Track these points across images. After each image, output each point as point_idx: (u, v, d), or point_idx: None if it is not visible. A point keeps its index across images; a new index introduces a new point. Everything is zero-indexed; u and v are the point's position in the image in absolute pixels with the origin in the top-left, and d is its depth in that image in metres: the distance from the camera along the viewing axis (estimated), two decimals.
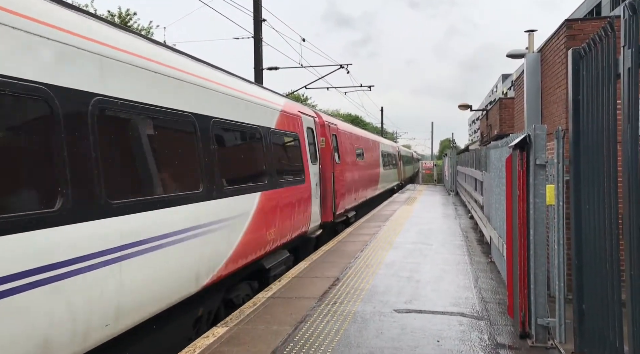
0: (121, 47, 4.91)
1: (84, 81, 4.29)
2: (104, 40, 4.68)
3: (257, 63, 18.40)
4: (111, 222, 4.41)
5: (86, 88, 4.31)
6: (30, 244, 3.60)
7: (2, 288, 3.34)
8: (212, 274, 6.23)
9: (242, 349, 5.18)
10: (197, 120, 6.16)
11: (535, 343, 5.19)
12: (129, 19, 25.99)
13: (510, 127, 18.91)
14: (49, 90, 3.88)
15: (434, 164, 49.49)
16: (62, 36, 4.13)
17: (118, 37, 5.03)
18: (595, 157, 4.35)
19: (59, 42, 4.08)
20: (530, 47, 11.68)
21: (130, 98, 4.88)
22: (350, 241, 11.98)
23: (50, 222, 3.77)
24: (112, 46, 4.76)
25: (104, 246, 4.31)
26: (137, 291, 4.71)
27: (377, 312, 6.36)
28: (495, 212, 8.59)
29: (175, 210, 5.39)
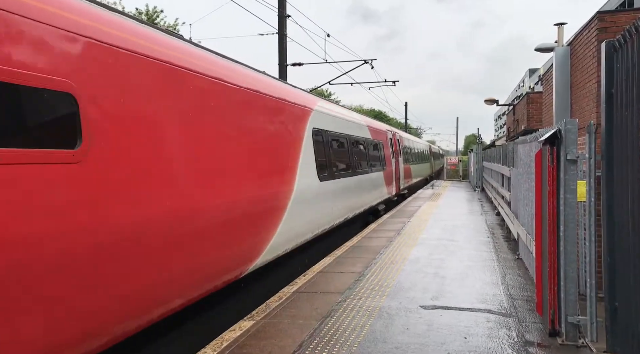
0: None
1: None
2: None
3: (281, 59, 18.44)
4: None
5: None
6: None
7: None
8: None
9: (269, 343, 5.22)
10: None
11: (565, 341, 5.11)
12: (156, 17, 26.31)
13: (538, 122, 18.60)
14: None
15: (459, 160, 48.99)
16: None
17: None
18: (629, 151, 4.25)
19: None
20: (559, 41, 11.44)
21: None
22: (375, 237, 11.95)
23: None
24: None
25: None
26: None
27: (402, 308, 6.33)
28: (524, 208, 8.46)
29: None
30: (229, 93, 6.36)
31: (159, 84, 4.81)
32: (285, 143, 8.39)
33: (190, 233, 5.14)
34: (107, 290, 3.97)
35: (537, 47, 13.54)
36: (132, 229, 4.20)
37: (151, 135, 4.61)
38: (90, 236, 3.81)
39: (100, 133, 4.03)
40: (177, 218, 4.87)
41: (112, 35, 4.34)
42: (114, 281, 4.03)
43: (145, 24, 5.27)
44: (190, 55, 5.65)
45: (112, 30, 4.39)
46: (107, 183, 4.02)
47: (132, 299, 4.26)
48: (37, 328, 3.44)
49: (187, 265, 5.04)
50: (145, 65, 4.65)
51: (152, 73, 4.74)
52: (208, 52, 6.52)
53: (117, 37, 4.41)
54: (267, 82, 8.10)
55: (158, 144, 4.68)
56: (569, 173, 5.15)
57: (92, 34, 4.10)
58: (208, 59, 6.15)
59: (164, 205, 4.63)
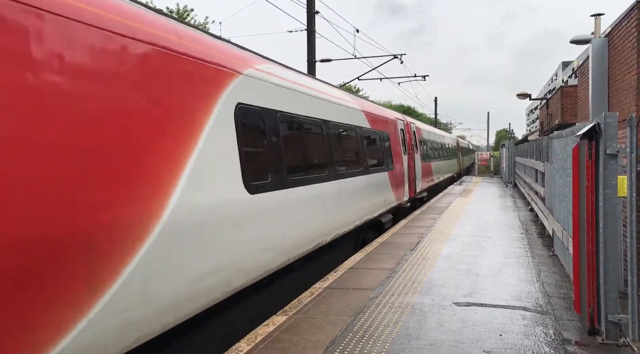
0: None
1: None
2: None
3: (310, 55, 18.45)
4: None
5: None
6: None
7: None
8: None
9: (302, 338, 5.24)
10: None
11: (605, 340, 4.99)
12: (186, 15, 26.64)
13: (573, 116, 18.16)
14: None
15: (490, 155, 48.24)
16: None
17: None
18: None
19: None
20: (596, 32, 11.14)
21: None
22: (406, 234, 11.88)
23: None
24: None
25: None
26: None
27: (435, 305, 6.28)
28: (559, 204, 8.28)
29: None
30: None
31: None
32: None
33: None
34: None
35: (573, 39, 13.22)
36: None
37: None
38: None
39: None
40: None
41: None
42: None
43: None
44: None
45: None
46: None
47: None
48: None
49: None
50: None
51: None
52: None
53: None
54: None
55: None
56: (609, 168, 5.01)
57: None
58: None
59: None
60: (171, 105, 4.72)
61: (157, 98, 4.55)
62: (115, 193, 3.98)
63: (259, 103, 6.54)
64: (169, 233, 4.49)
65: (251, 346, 5.05)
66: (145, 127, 4.38)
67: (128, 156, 4.15)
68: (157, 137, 4.49)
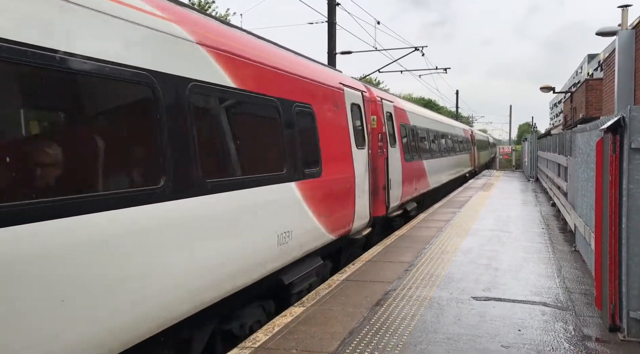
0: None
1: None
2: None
3: (330, 47, 18.40)
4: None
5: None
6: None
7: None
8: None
9: (319, 330, 5.27)
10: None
11: (627, 336, 4.91)
12: (207, 7, 26.77)
13: (598, 110, 17.84)
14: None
15: (512, 149, 47.61)
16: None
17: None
18: None
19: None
20: (623, 24, 10.88)
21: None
22: (424, 227, 11.82)
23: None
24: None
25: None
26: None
27: (453, 299, 6.25)
28: (582, 199, 8.15)
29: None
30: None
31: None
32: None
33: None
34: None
35: (599, 31, 12.94)
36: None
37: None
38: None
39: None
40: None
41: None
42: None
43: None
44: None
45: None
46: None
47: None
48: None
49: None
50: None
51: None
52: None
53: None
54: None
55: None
56: (633, 163, 4.91)
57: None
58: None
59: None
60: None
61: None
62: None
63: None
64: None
65: (268, 337, 5.09)
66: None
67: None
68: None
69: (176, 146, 4.49)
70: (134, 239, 3.98)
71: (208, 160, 5.00)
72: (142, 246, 4.06)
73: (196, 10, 5.72)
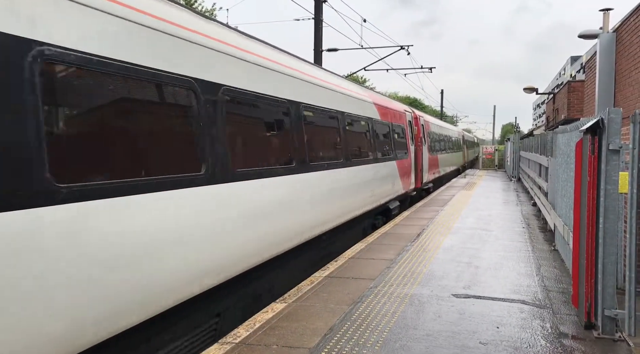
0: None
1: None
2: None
3: (317, 44, 18.40)
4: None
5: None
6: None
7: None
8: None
9: (300, 326, 5.29)
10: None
11: (601, 334, 5.01)
12: (194, 2, 26.54)
13: (579, 111, 18.09)
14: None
15: (495, 149, 48.08)
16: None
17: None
18: None
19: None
20: (604, 27, 11.05)
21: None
22: (407, 225, 11.90)
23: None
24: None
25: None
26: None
27: (434, 296, 6.32)
28: (561, 199, 8.28)
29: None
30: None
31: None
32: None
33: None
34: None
35: (581, 34, 13.12)
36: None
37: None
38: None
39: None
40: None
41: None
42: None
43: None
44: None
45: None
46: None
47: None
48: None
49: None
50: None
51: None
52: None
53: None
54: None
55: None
56: (611, 164, 5.01)
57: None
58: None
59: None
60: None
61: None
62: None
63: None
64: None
65: (249, 332, 5.10)
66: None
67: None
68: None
69: (373, 143, 12.30)
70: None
71: (379, 150, 12.53)
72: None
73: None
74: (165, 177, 4.56)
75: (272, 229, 6.61)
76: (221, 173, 5.42)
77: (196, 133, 5.11)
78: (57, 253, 3.47)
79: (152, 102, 4.71)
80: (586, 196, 5.28)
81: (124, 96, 4.33)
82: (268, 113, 6.95)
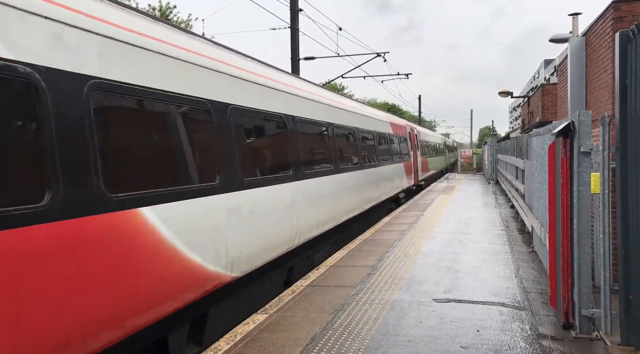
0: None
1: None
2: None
3: (294, 53, 18.42)
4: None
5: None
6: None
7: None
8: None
9: (282, 336, 5.26)
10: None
11: (579, 334, 5.08)
12: (169, 13, 26.42)
13: (553, 114, 18.39)
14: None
15: (473, 152, 48.62)
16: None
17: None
18: None
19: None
20: (574, 31, 11.28)
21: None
22: (388, 231, 11.95)
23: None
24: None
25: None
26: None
27: (415, 301, 6.34)
28: (537, 201, 8.40)
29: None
30: None
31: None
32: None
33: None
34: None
35: (552, 38, 13.39)
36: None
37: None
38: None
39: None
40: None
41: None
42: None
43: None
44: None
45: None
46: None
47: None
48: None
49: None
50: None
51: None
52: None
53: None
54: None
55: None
56: (583, 166, 5.10)
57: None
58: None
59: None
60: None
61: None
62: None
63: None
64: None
65: (230, 345, 5.05)
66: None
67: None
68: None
69: (391, 149, 17.72)
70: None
71: (397, 154, 18.31)
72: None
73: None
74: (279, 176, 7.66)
75: (351, 201, 11.47)
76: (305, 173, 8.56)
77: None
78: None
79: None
80: (560, 198, 5.37)
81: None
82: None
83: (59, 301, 3.47)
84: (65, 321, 3.51)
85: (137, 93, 4.48)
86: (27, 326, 3.22)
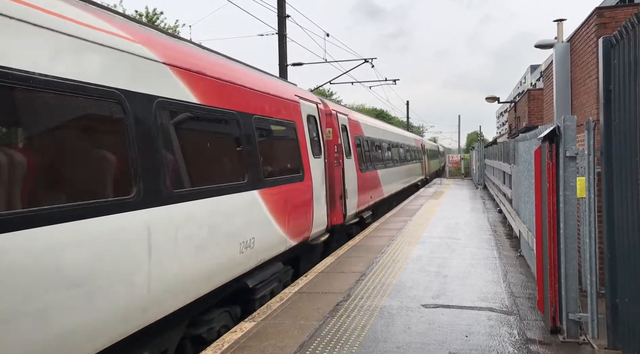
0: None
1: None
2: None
3: (281, 59, 18.43)
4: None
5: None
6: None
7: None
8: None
9: (270, 344, 5.21)
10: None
11: (566, 338, 5.09)
12: (156, 19, 26.34)
13: (539, 119, 18.56)
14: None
15: (461, 157, 48.88)
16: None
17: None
18: (628, 147, 4.23)
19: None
20: (559, 37, 11.40)
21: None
22: (377, 236, 11.94)
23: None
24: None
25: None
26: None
27: (404, 307, 6.32)
28: (525, 205, 8.44)
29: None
30: None
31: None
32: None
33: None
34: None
35: (537, 44, 13.51)
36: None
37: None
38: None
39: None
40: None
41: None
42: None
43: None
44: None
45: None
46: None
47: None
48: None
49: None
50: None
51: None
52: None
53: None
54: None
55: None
56: (568, 170, 5.13)
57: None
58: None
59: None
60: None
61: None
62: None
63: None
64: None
65: None
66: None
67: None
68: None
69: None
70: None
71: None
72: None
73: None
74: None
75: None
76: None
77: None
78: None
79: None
80: (547, 202, 5.39)
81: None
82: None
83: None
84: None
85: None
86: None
